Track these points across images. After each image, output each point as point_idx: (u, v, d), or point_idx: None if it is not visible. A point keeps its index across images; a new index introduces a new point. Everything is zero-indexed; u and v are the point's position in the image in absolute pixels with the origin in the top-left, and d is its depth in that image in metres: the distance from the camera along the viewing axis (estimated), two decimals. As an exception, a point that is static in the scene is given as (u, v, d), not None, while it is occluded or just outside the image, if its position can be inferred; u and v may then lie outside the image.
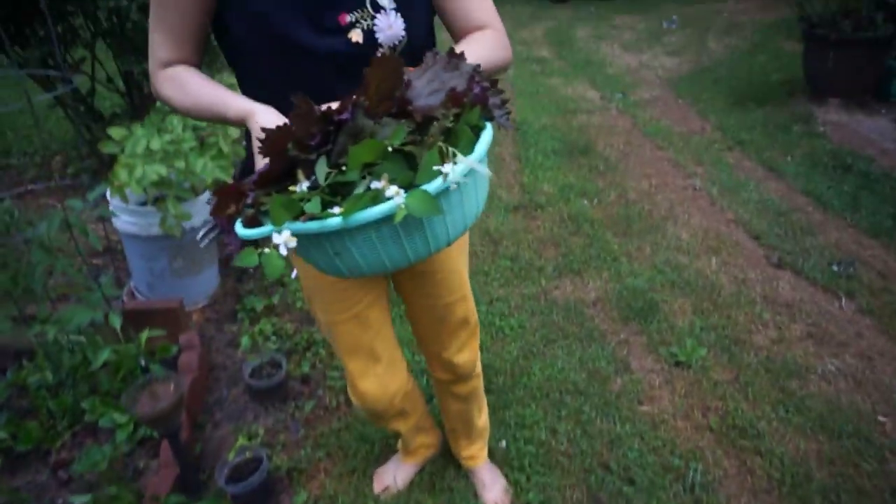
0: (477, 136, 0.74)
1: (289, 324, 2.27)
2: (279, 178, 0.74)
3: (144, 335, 1.68)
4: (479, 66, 0.80)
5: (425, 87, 0.77)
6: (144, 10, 2.48)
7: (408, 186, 0.68)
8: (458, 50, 0.89)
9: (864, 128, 4.00)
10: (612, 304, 2.42)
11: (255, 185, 0.73)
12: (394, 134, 0.71)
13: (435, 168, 0.68)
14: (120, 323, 1.60)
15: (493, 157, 3.75)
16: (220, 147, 1.93)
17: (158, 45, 0.98)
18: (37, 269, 1.55)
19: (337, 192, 0.70)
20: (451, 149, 0.70)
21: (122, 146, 1.98)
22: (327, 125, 0.72)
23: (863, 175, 3.32)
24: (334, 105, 0.74)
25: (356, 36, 0.93)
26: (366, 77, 0.73)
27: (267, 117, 0.87)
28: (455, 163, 0.69)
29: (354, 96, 0.73)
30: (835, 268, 2.58)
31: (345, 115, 0.72)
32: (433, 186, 0.67)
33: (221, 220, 0.75)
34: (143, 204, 2.13)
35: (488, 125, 0.77)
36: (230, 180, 1.89)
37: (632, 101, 4.88)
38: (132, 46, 2.60)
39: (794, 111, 4.31)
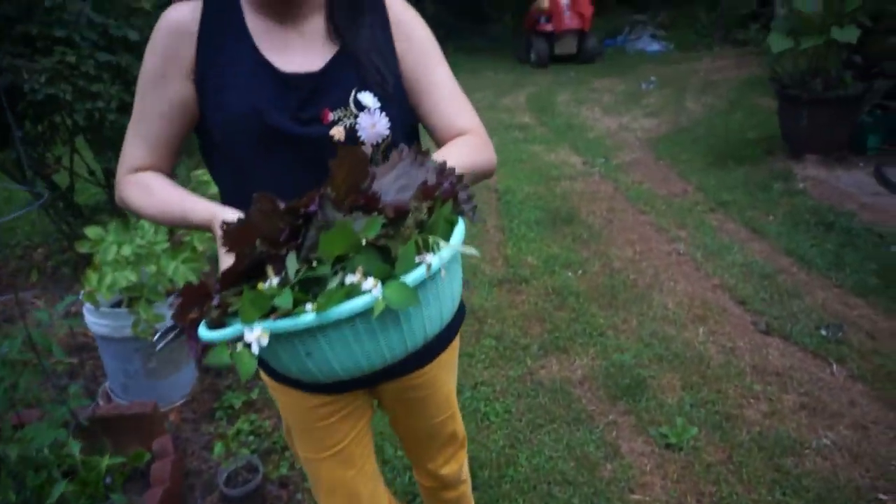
0: (449, 230, 0.73)
1: (267, 421, 2.21)
2: (246, 275, 0.70)
3: (105, 462, 1.62)
4: (445, 163, 0.78)
5: (393, 183, 0.76)
6: (121, 110, 2.53)
7: (383, 280, 0.65)
8: (440, 154, 0.91)
9: (843, 182, 4.05)
10: (599, 383, 2.37)
11: (221, 285, 0.69)
12: (368, 226, 0.68)
13: (416, 259, 0.66)
14: (79, 448, 1.54)
15: (476, 229, 3.76)
16: (193, 246, 1.92)
17: (133, 152, 0.98)
18: (-2, 387, 1.51)
19: (308, 289, 0.67)
20: (431, 237, 0.69)
21: (95, 245, 1.98)
22: (295, 219, 0.69)
23: (845, 231, 3.33)
24: (303, 199, 0.71)
25: (338, 133, 0.93)
26: (332, 169, 0.71)
27: (231, 218, 0.84)
28: (435, 251, 0.68)
29: (321, 189, 0.71)
30: (823, 332, 2.55)
31: (312, 208, 0.69)
32: (412, 277, 0.65)
33: (184, 324, 0.71)
34: (118, 304, 2.10)
35: (460, 219, 0.76)
36: (201, 282, 1.87)
37: (613, 164, 4.95)
38: (111, 144, 2.63)
39: (773, 169, 4.37)
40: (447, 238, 0.71)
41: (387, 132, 0.92)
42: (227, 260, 0.79)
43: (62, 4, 2.26)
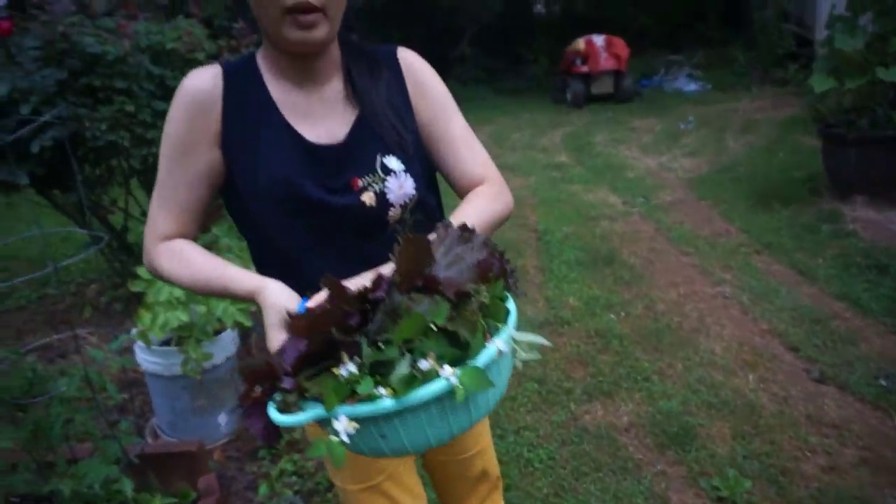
0: (502, 308, 0.77)
1: (310, 461, 2.20)
2: (315, 360, 0.72)
3: (157, 500, 1.64)
4: (489, 239, 0.82)
5: (442, 259, 0.79)
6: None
7: (452, 362, 0.68)
8: (461, 210, 0.97)
9: (896, 224, 3.92)
10: (646, 430, 2.30)
11: (293, 369, 0.71)
12: (436, 312, 0.71)
13: (488, 345, 0.70)
14: (131, 487, 1.57)
15: (517, 270, 3.75)
16: (241, 288, 1.97)
17: (161, 219, 0.98)
18: (55, 423, 1.55)
19: (376, 371, 0.69)
20: (498, 325, 0.74)
21: (149, 285, 2.04)
22: (364, 304, 0.73)
23: (900, 276, 3.21)
24: (366, 282, 0.75)
25: (369, 199, 0.96)
26: (396, 255, 0.75)
27: (280, 295, 0.86)
28: (499, 334, 0.73)
29: (384, 273, 0.75)
30: (882, 382, 2.44)
31: (380, 294, 0.72)
32: (483, 361, 0.68)
33: (247, 405, 0.73)
34: (167, 343, 2.15)
35: (510, 297, 0.80)
36: (250, 323, 1.91)
37: (654, 205, 4.91)
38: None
39: (820, 210, 4.27)
40: (504, 317, 0.75)
41: (413, 192, 0.98)
42: (277, 336, 0.82)
43: (123, 58, 2.39)
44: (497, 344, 0.70)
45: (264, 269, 1.03)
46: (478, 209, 0.98)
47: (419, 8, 12.35)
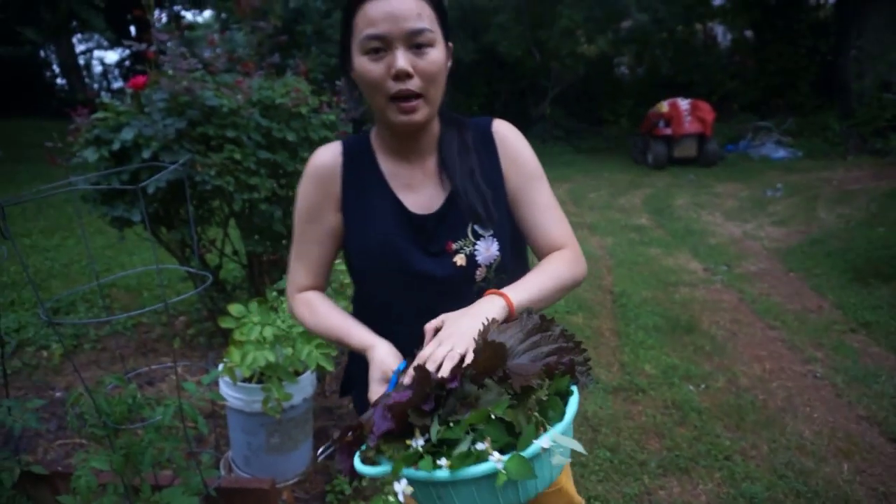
0: (565, 401, 0.84)
1: (375, 511, 2.21)
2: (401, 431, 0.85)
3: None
4: (566, 329, 0.92)
5: (518, 345, 0.89)
6: (270, 200, 2.80)
7: (504, 447, 0.79)
8: (538, 270, 1.09)
9: None
10: (726, 514, 2.17)
11: (379, 438, 0.84)
12: (497, 405, 0.82)
13: (535, 442, 0.77)
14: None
15: (591, 331, 3.69)
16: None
17: (297, 273, 1.18)
18: (147, 450, 1.64)
19: (443, 444, 0.81)
20: (548, 425, 0.81)
21: (238, 322, 2.15)
22: (441, 390, 0.85)
23: None
24: (445, 372, 0.86)
25: (460, 260, 1.09)
26: (477, 353, 0.86)
27: (386, 356, 0.99)
28: (547, 429, 0.80)
29: (463, 366, 0.86)
30: None
31: (454, 384, 0.84)
32: (529, 452, 0.76)
33: (342, 447, 0.89)
34: (248, 379, 2.24)
35: (575, 394, 0.86)
36: (331, 367, 1.97)
37: (737, 273, 4.73)
38: (258, 229, 2.90)
39: (924, 290, 3.99)
40: (559, 415, 0.83)
41: (498, 254, 1.11)
42: (376, 389, 0.96)
43: (237, 111, 2.59)
44: (542, 442, 0.77)
45: (362, 315, 1.15)
46: (552, 272, 1.08)
47: (505, 66, 12.71)
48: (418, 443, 0.81)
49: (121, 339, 3.76)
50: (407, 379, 0.87)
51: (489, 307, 0.96)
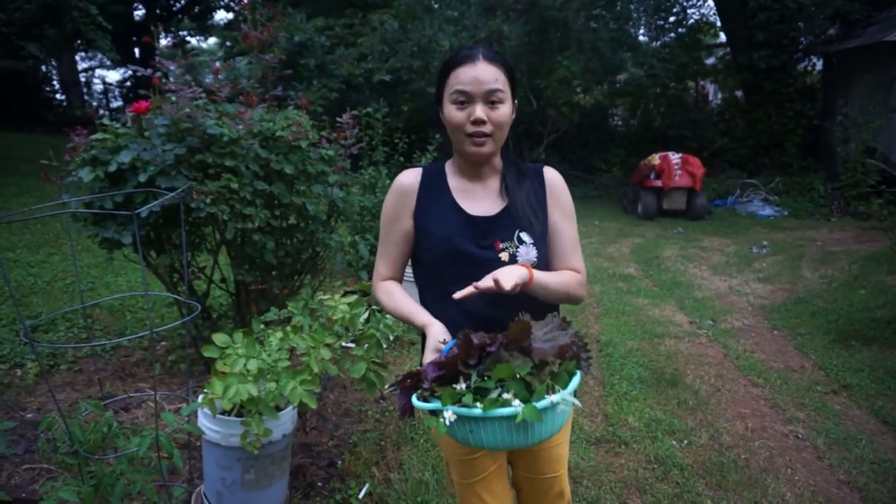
0: (570, 377, 1.17)
1: (348, 555, 2.15)
2: (447, 378, 1.18)
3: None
4: (578, 331, 1.24)
5: (542, 335, 1.22)
6: (263, 230, 2.80)
7: (523, 400, 1.10)
8: (555, 272, 1.44)
9: None
10: (706, 576, 2.13)
11: (432, 381, 1.17)
12: (521, 367, 1.14)
13: (546, 397, 1.10)
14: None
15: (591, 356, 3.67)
16: (311, 368, 2.01)
17: (381, 266, 1.55)
18: (118, 483, 1.60)
19: (479, 393, 1.14)
20: (556, 385, 1.14)
21: (222, 352, 2.11)
22: (482, 351, 1.16)
23: None
24: (487, 338, 1.18)
25: (504, 257, 1.42)
26: (509, 326, 1.18)
27: (439, 333, 1.34)
28: (556, 391, 1.12)
29: (499, 337, 1.17)
30: (980, 561, 2.19)
31: (492, 348, 1.16)
32: (541, 405, 1.09)
33: (403, 388, 1.22)
34: (227, 412, 2.20)
35: (578, 372, 1.19)
36: (314, 405, 1.94)
37: (722, 328, 4.76)
38: (249, 259, 2.88)
39: (905, 355, 4.02)
40: (566, 384, 1.15)
41: (535, 259, 1.43)
42: (429, 356, 1.30)
43: (237, 140, 2.61)
44: (551, 397, 1.10)
45: (428, 300, 1.49)
46: (565, 278, 1.44)
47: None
48: (461, 387, 1.13)
49: (99, 361, 3.68)
50: (456, 294, 1.26)
51: (518, 269, 1.30)
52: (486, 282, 1.25)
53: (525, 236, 1.42)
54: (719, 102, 15.38)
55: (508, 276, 1.26)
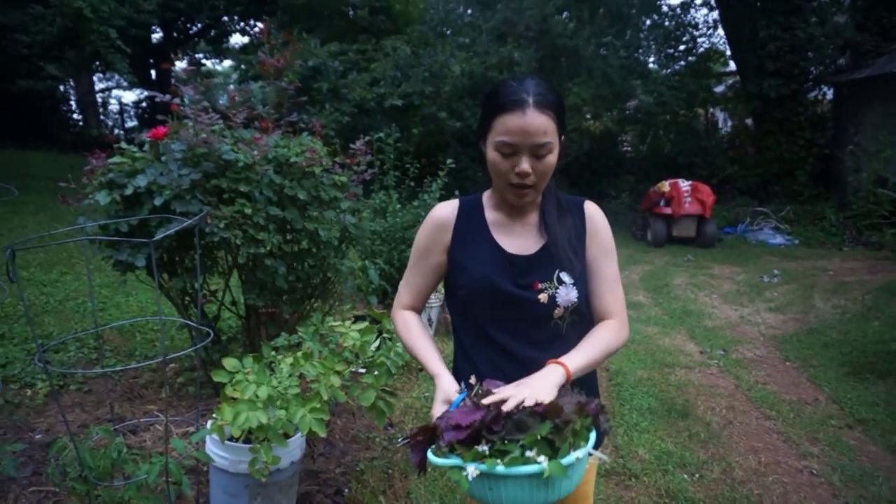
0: (588, 433, 1.19)
1: (354, 588, 2.11)
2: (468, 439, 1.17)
3: None
4: (599, 400, 1.27)
5: (569, 401, 1.19)
6: (274, 255, 2.81)
7: (548, 457, 1.11)
8: (589, 338, 1.38)
9: None
10: None
11: (452, 441, 1.16)
12: (542, 428, 1.14)
13: (570, 454, 1.12)
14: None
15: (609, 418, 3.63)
16: (321, 396, 2.01)
17: (405, 295, 1.52)
18: (127, 510, 1.59)
19: (499, 453, 1.13)
20: (580, 441, 1.16)
21: (232, 377, 2.11)
22: (506, 415, 1.16)
23: None
24: (511, 405, 1.16)
25: (543, 298, 1.37)
26: (546, 408, 1.16)
27: (448, 386, 1.31)
28: (580, 447, 1.14)
29: (524, 404, 1.17)
30: None
31: (517, 416, 1.16)
32: (566, 461, 1.10)
33: (415, 444, 1.21)
34: (235, 438, 2.19)
35: (594, 431, 1.20)
36: (323, 433, 1.93)
37: (734, 359, 4.71)
38: (260, 284, 2.90)
39: (921, 390, 3.96)
40: (586, 439, 1.17)
41: (575, 300, 1.38)
42: (437, 410, 1.26)
43: (251, 166, 2.64)
44: (576, 454, 1.12)
45: (461, 336, 1.48)
46: (600, 341, 1.37)
47: (510, 136, 12.96)
48: (483, 448, 1.13)
49: (108, 382, 3.68)
50: (488, 401, 1.18)
51: (552, 374, 1.25)
52: (530, 402, 1.18)
53: (565, 276, 1.38)
54: (729, 130, 15.42)
55: (547, 390, 1.20)
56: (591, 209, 1.48)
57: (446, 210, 1.47)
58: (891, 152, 9.49)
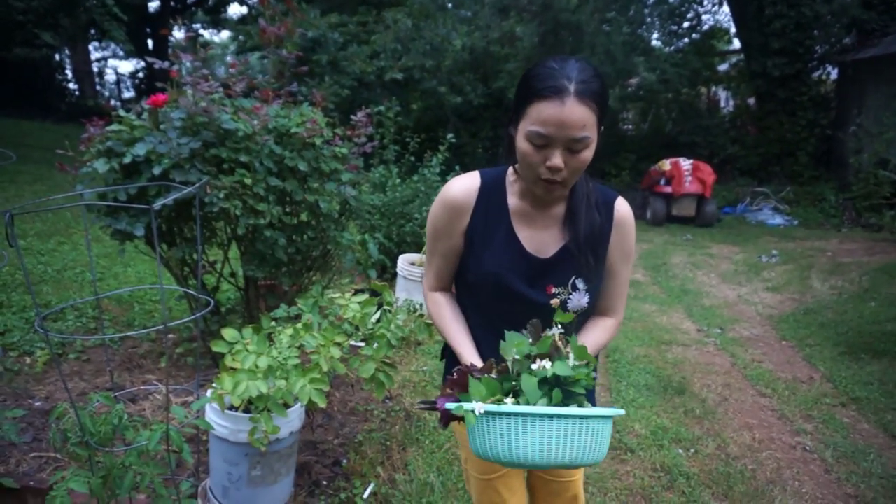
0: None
1: (352, 555, 2.14)
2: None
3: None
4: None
5: None
6: (274, 227, 2.80)
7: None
8: (584, 335, 1.38)
9: None
10: (711, 588, 2.12)
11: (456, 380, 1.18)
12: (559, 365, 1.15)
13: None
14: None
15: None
16: (320, 367, 2.01)
17: (429, 277, 1.47)
18: (128, 475, 1.60)
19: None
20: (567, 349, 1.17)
21: (231, 347, 2.12)
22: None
23: None
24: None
25: (555, 303, 1.29)
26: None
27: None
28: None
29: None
30: None
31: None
32: (603, 411, 1.09)
33: (442, 399, 1.16)
34: (235, 407, 2.20)
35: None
36: (323, 403, 1.94)
37: (730, 337, 4.73)
38: (260, 256, 2.88)
39: (916, 370, 3.99)
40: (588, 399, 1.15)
41: (585, 305, 1.35)
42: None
43: (251, 136, 2.61)
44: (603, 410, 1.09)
45: (467, 316, 1.43)
46: (596, 342, 1.38)
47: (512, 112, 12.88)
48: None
49: (107, 350, 3.69)
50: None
51: None
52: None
53: (580, 283, 1.32)
54: (731, 109, 15.31)
55: None
56: (622, 211, 1.37)
57: (464, 191, 1.34)
58: (893, 134, 9.44)
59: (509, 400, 1.08)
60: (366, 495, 2.48)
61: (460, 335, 1.37)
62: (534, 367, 1.09)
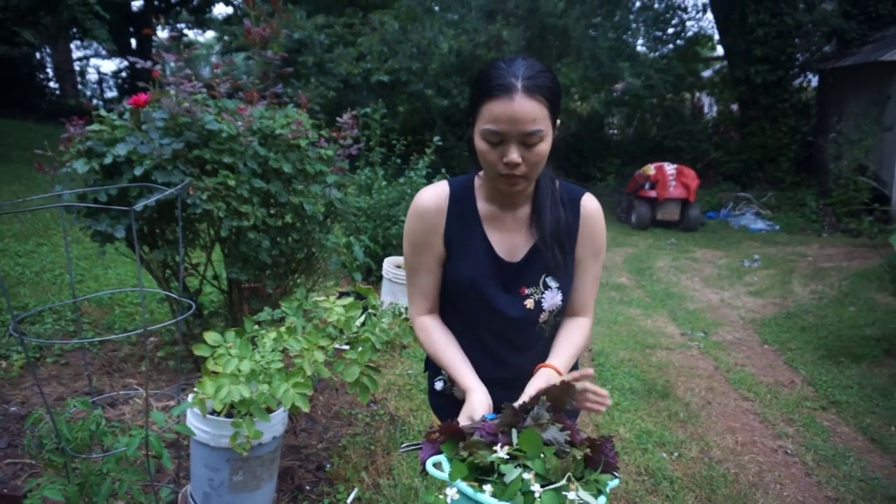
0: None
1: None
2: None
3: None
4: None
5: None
6: (257, 228, 2.77)
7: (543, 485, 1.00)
8: (566, 344, 1.38)
9: (979, 403, 3.66)
10: (694, 592, 2.13)
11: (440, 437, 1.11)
12: (548, 450, 1.05)
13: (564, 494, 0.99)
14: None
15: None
16: (304, 371, 1.99)
17: (415, 301, 1.43)
18: (105, 482, 1.57)
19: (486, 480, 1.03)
20: (584, 489, 1.02)
21: (214, 351, 2.09)
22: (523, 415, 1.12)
23: None
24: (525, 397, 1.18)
25: (529, 304, 1.35)
26: (553, 387, 1.13)
27: (480, 402, 1.24)
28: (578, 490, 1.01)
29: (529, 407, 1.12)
30: (966, 583, 2.20)
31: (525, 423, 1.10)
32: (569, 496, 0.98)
33: (427, 445, 1.11)
34: (217, 412, 2.17)
35: (609, 486, 1.07)
36: (306, 408, 1.92)
37: (713, 341, 4.77)
38: (243, 258, 2.85)
39: (895, 373, 4.05)
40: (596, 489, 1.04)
41: (560, 303, 1.37)
42: (463, 420, 1.20)
43: (235, 137, 2.58)
44: (571, 496, 0.98)
45: (450, 322, 1.43)
46: (575, 344, 1.39)
47: (497, 116, 12.90)
48: (500, 453, 1.04)
49: (86, 354, 3.63)
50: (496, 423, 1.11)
51: (551, 378, 1.27)
52: (524, 397, 1.21)
53: (551, 281, 1.35)
54: (714, 115, 15.48)
55: (541, 386, 1.22)
56: (589, 207, 1.39)
57: (435, 198, 1.36)
58: (872, 141, 9.60)
59: (487, 488, 1.00)
60: (350, 500, 2.46)
61: (455, 359, 1.35)
62: (527, 476, 0.99)
